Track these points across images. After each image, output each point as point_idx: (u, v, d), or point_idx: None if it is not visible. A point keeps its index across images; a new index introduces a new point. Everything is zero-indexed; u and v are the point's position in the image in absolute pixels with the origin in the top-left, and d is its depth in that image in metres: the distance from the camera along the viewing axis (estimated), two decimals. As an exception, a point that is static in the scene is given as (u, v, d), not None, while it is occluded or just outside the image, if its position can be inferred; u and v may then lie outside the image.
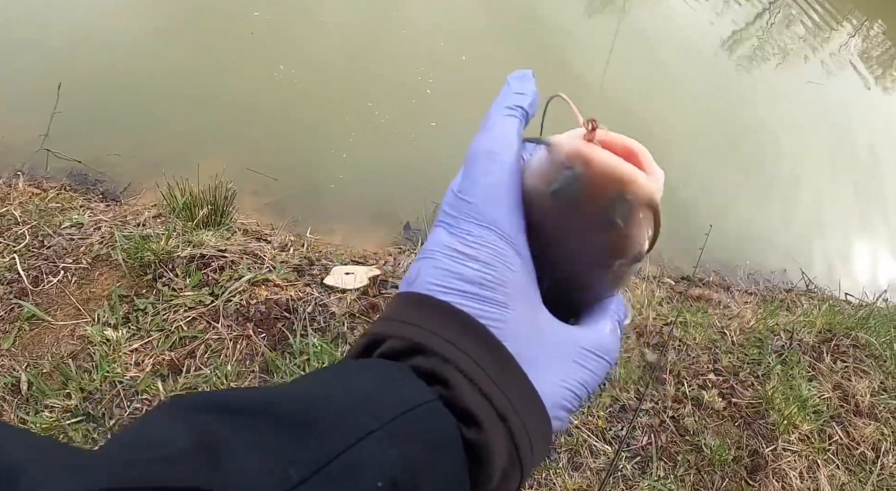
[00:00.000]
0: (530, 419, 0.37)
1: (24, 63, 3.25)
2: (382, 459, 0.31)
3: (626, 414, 2.21)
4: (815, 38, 7.37)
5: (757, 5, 7.50)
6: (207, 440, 0.29)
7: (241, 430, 0.30)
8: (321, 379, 0.36)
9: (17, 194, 2.43)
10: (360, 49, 4.19)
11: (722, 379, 2.46)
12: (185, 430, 0.30)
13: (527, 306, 0.38)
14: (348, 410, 0.32)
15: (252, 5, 4.09)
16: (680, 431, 2.22)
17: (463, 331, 0.36)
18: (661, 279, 3.25)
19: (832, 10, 8.13)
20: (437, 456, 0.33)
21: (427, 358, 0.35)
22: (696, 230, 3.38)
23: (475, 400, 0.34)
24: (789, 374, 2.52)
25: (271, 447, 0.29)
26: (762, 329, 2.75)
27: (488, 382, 0.35)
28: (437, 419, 0.34)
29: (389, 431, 0.32)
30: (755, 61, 6.34)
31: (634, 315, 2.65)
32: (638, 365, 2.41)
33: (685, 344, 2.57)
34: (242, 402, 0.32)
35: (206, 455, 0.28)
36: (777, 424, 2.31)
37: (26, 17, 3.51)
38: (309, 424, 0.31)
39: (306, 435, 0.30)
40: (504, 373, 0.36)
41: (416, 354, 0.36)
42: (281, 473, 0.28)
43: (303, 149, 3.46)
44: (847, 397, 2.52)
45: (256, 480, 0.28)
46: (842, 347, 2.76)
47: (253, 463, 0.29)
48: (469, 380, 0.35)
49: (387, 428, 0.32)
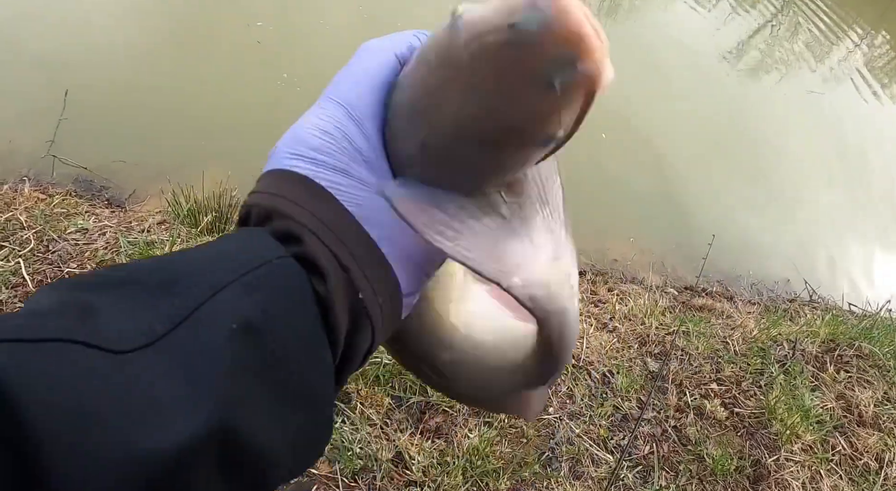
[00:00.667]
0: (373, 272, 0.40)
1: (33, 71, 3.27)
2: (237, 305, 0.33)
3: (628, 423, 2.21)
4: (819, 48, 7.38)
5: (762, 15, 7.52)
6: (76, 302, 0.31)
7: (109, 295, 0.31)
8: (186, 250, 0.37)
9: (23, 199, 2.45)
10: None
11: (724, 389, 2.45)
12: (56, 295, 0.31)
13: (370, 177, 0.41)
14: (206, 269, 0.34)
15: (255, 16, 4.12)
16: (682, 441, 2.21)
17: (308, 193, 0.39)
18: (665, 289, 3.24)
19: (837, 19, 8.14)
20: (290, 303, 0.35)
21: (281, 220, 0.39)
22: (699, 240, 3.38)
23: (321, 252, 0.37)
24: (792, 384, 2.52)
25: (137, 307, 0.31)
26: (765, 339, 2.74)
27: (330, 236, 0.38)
28: (288, 271, 0.36)
29: (245, 281, 0.34)
30: (758, 71, 6.35)
31: (637, 324, 2.66)
32: (640, 374, 2.40)
33: (687, 354, 2.57)
34: (112, 275, 0.33)
35: (74, 313, 0.30)
36: (780, 434, 2.30)
37: (35, 27, 3.54)
38: (171, 285, 0.33)
39: (169, 293, 0.32)
40: (345, 228, 0.39)
41: (273, 219, 0.39)
42: (146, 327, 0.30)
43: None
44: (850, 407, 2.51)
45: (122, 334, 0.29)
46: (845, 357, 2.75)
47: (119, 320, 0.30)
48: (315, 235, 0.38)
49: (242, 279, 0.34)
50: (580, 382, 2.28)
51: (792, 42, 7.26)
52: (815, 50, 7.33)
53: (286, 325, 0.35)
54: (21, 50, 3.36)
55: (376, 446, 1.82)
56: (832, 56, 7.42)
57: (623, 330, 2.59)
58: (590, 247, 3.39)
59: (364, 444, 1.82)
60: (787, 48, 7.08)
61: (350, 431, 1.84)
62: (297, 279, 0.36)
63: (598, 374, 2.33)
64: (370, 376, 1.98)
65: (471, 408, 2.01)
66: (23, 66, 3.27)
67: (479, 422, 2.01)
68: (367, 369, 1.98)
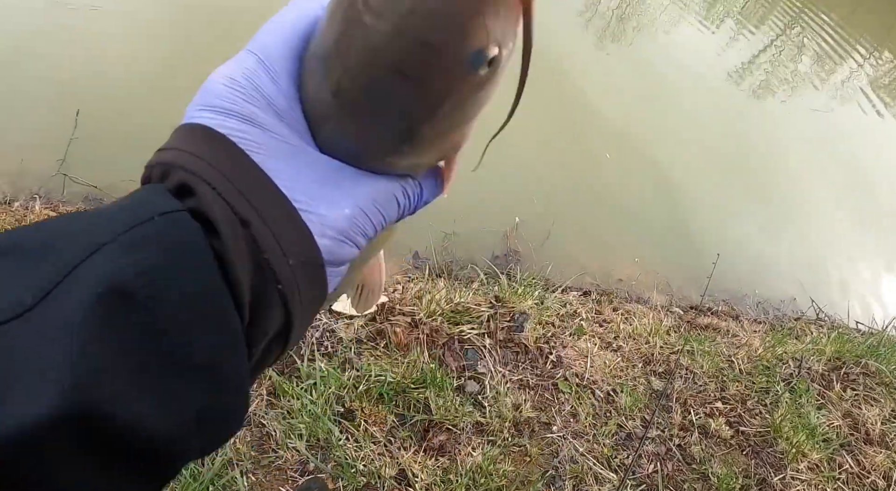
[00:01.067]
0: (281, 228, 0.36)
1: (44, 91, 3.32)
2: (110, 268, 0.30)
3: (632, 442, 2.21)
4: (823, 67, 7.42)
5: (766, 35, 7.57)
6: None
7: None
8: (76, 213, 0.34)
9: (34, 217, 2.49)
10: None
11: (729, 407, 2.45)
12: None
13: (281, 126, 0.38)
14: (86, 230, 0.31)
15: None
16: (686, 460, 2.21)
17: (208, 143, 0.36)
18: (670, 308, 3.24)
19: (841, 39, 8.18)
20: (180, 263, 0.32)
21: (177, 174, 0.35)
22: (704, 259, 3.39)
23: (215, 204, 0.34)
24: (798, 402, 2.51)
25: (11, 276, 0.29)
26: (770, 357, 2.74)
27: (227, 186, 0.34)
28: (179, 227, 0.33)
29: (124, 241, 0.31)
30: (763, 90, 6.38)
31: (641, 343, 2.66)
32: (644, 393, 2.40)
33: (692, 372, 2.56)
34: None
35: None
36: (786, 452, 2.29)
37: (47, 47, 3.60)
38: (47, 250, 0.30)
39: (43, 260, 0.30)
40: (245, 177, 0.35)
41: (171, 175, 0.36)
42: (15, 299, 0.28)
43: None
44: (857, 425, 2.50)
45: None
46: (851, 375, 2.74)
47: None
48: (210, 186, 0.34)
49: (120, 239, 0.31)
50: (584, 400, 2.28)
51: (796, 62, 7.30)
52: (820, 69, 7.36)
53: (174, 288, 0.31)
54: (33, 69, 3.42)
55: (380, 464, 1.82)
56: (837, 75, 7.45)
57: (627, 349, 2.59)
58: (595, 267, 3.39)
59: (367, 461, 1.82)
60: (792, 68, 7.12)
61: (354, 448, 1.84)
62: (189, 236, 0.32)
63: (603, 392, 2.33)
64: (374, 394, 1.99)
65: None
66: (34, 86, 3.33)
67: (483, 440, 2.01)
68: (370, 387, 1.99)
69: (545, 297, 2.64)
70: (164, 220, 0.32)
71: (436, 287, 2.46)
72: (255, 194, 0.35)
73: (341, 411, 1.92)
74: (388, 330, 2.19)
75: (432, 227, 3.19)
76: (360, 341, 2.15)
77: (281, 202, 0.36)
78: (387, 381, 2.02)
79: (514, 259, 3.19)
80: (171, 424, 0.31)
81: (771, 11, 8.68)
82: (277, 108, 0.38)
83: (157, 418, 0.30)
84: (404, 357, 2.11)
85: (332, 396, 1.93)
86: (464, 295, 2.42)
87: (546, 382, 2.28)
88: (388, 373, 2.03)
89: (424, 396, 2.02)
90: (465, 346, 2.26)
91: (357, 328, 2.19)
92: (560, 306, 2.66)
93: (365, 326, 2.21)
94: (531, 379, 2.26)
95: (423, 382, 2.06)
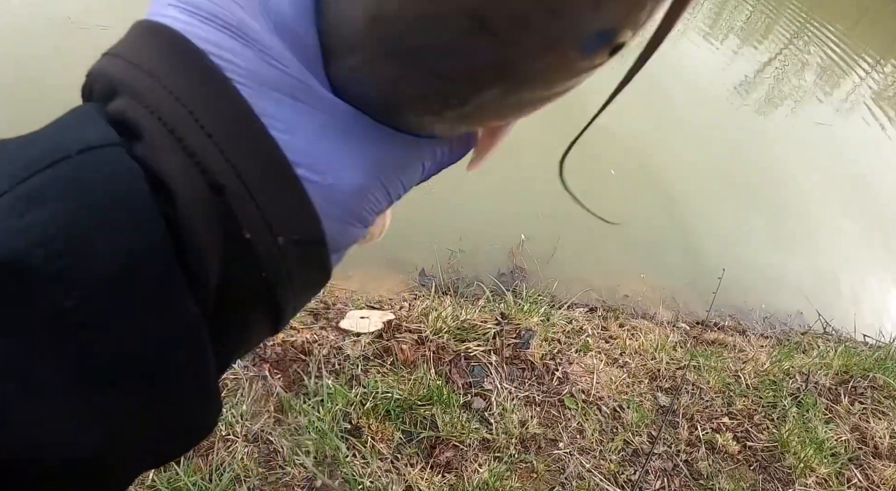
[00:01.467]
0: (272, 196, 0.26)
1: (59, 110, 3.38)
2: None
3: (639, 458, 2.21)
4: (827, 80, 7.44)
5: (769, 50, 7.61)
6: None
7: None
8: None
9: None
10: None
11: (736, 422, 2.45)
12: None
13: (278, 43, 0.26)
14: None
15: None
16: (693, 475, 2.21)
17: (171, 58, 0.25)
18: (676, 324, 3.25)
19: (843, 52, 8.22)
20: (105, 223, 0.22)
21: (122, 101, 0.25)
22: (710, 275, 3.39)
23: (171, 156, 0.24)
24: (805, 416, 2.51)
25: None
26: (777, 372, 2.74)
27: (199, 136, 0.24)
28: (106, 170, 0.23)
29: (20, 192, 0.22)
30: (767, 105, 6.41)
31: (647, 359, 2.66)
32: (651, 409, 2.41)
33: (699, 388, 2.57)
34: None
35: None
36: (793, 467, 2.29)
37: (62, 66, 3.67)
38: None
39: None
40: (232, 130, 0.25)
41: (117, 96, 0.26)
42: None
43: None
44: (865, 439, 2.49)
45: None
46: (859, 389, 2.74)
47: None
48: (165, 126, 0.24)
49: (18, 190, 0.22)
50: (590, 416, 2.28)
51: (800, 76, 7.33)
52: (824, 83, 7.39)
53: (95, 261, 0.22)
54: (47, 88, 3.48)
55: (386, 480, 1.84)
56: (841, 88, 7.47)
57: (633, 365, 2.60)
58: (600, 283, 3.41)
59: (375, 478, 1.84)
60: (796, 82, 7.15)
61: (361, 464, 1.86)
62: (121, 183, 0.23)
63: (609, 408, 2.34)
64: (381, 411, 2.01)
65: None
66: (49, 105, 3.38)
67: (490, 457, 2.02)
68: (377, 404, 2.01)
69: (551, 313, 2.66)
70: (86, 159, 0.23)
71: (442, 304, 2.48)
72: (237, 146, 0.25)
73: (348, 428, 1.94)
74: (394, 347, 2.21)
75: (438, 245, 3.22)
76: (366, 358, 2.17)
77: (274, 160, 0.26)
78: (393, 397, 2.04)
79: (519, 276, 3.21)
80: (93, 448, 0.23)
81: (775, 23, 8.73)
82: (282, 21, 0.26)
83: (71, 443, 0.23)
84: (411, 374, 2.13)
85: (339, 413, 1.95)
86: (470, 312, 2.45)
87: (552, 398, 2.29)
88: (394, 390, 2.05)
89: (431, 413, 2.04)
90: (471, 363, 2.27)
91: (364, 345, 2.21)
92: (566, 323, 2.68)
93: (372, 344, 2.23)
94: (537, 395, 2.27)
95: (430, 398, 2.07)
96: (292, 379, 2.04)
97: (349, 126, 0.28)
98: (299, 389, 2.02)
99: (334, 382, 2.04)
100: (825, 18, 9.24)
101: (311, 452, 1.84)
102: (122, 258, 0.22)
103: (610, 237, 3.77)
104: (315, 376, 2.04)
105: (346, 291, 2.76)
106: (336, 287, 2.78)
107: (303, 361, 2.10)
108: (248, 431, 1.82)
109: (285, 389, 2.00)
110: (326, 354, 2.14)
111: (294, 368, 2.07)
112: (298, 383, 2.03)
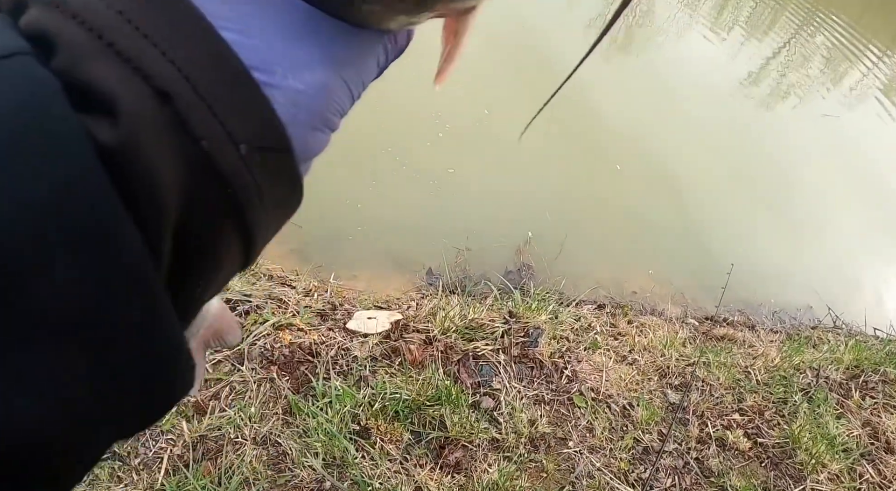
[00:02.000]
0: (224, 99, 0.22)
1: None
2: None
3: (649, 456, 2.20)
4: (833, 71, 7.39)
5: (775, 41, 7.57)
6: None
7: None
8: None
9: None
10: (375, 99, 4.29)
11: (747, 419, 2.43)
12: None
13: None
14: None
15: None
16: (704, 473, 2.19)
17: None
18: (685, 320, 3.24)
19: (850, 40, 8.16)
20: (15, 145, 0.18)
21: (34, 8, 0.21)
22: (718, 270, 3.38)
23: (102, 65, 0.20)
24: (816, 412, 2.49)
25: None
26: (787, 367, 2.72)
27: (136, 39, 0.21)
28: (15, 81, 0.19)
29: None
30: (773, 97, 6.37)
31: (657, 356, 2.65)
32: (661, 406, 2.39)
33: (708, 384, 2.55)
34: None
35: None
36: (805, 463, 2.28)
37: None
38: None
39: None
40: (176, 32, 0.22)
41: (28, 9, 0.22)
42: None
43: (326, 196, 3.55)
44: (877, 434, 2.47)
45: None
46: (870, 383, 2.72)
47: None
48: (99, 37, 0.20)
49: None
50: (600, 414, 2.27)
51: (806, 67, 7.28)
52: (832, 74, 7.34)
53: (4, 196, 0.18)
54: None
55: (396, 481, 1.83)
56: (847, 80, 7.42)
57: (643, 362, 2.59)
58: (608, 280, 3.39)
59: (384, 479, 1.83)
60: (802, 73, 7.10)
61: (370, 466, 1.86)
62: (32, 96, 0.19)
63: (618, 406, 2.33)
64: (389, 412, 2.00)
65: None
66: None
67: (499, 457, 2.02)
68: (386, 405, 2.01)
69: (559, 311, 2.65)
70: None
71: (449, 304, 2.47)
72: (182, 48, 0.21)
73: (357, 429, 1.94)
74: (402, 347, 2.20)
75: (445, 244, 3.21)
76: (374, 359, 2.16)
77: (227, 63, 0.23)
78: (402, 398, 2.03)
79: (527, 274, 3.19)
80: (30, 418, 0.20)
81: (781, 14, 8.67)
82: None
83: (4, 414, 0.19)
84: (419, 374, 2.13)
85: (347, 415, 1.94)
86: (478, 311, 2.44)
87: (561, 396, 2.28)
88: (403, 390, 2.05)
89: (440, 413, 2.03)
90: (479, 362, 2.27)
91: (372, 346, 2.21)
92: (574, 320, 2.67)
93: (379, 344, 2.23)
94: (546, 394, 2.26)
95: (439, 398, 2.07)
96: (300, 381, 2.03)
97: (307, 23, 0.25)
98: (307, 391, 2.01)
99: (342, 383, 2.03)
100: (830, 9, 9.17)
101: (320, 454, 1.84)
102: (41, 188, 0.18)
103: (617, 234, 3.76)
104: (323, 378, 2.04)
105: (353, 291, 2.76)
106: (343, 287, 2.78)
107: (310, 363, 2.10)
108: (257, 434, 1.82)
109: (293, 391, 1.99)
110: (334, 355, 2.14)
111: (302, 369, 2.07)
112: (306, 385, 2.02)
